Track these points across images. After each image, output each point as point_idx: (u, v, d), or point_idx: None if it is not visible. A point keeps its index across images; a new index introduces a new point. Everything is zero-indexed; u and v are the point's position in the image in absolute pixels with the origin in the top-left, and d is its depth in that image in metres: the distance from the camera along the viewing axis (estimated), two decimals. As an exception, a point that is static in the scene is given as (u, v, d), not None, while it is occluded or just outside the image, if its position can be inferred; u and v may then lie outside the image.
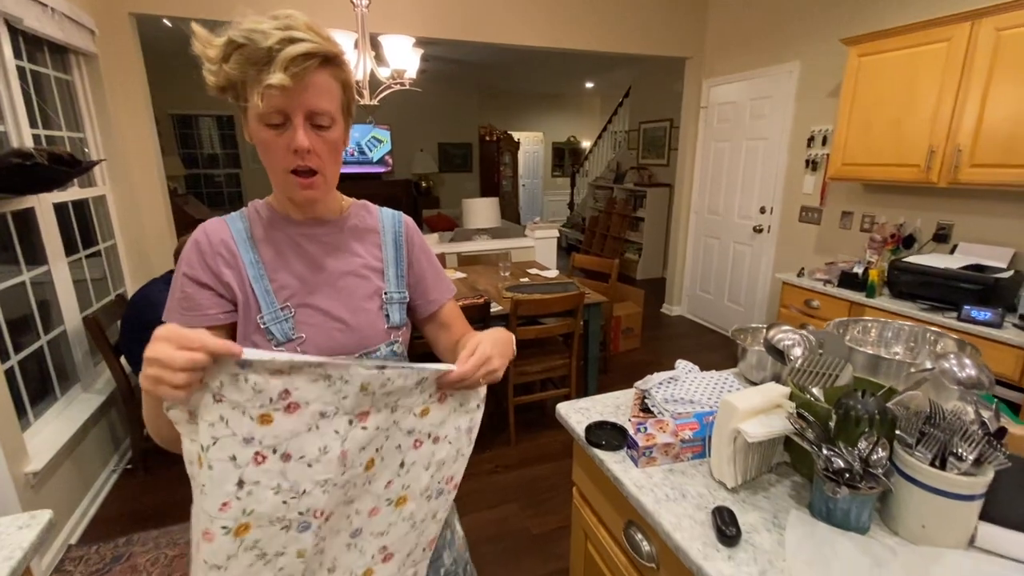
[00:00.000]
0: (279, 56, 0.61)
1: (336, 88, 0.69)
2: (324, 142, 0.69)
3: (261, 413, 0.56)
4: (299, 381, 0.57)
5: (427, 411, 0.68)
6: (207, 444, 0.55)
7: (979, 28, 2.17)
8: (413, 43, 2.37)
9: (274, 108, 0.64)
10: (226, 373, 0.54)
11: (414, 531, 0.73)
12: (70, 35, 2.28)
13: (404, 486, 0.69)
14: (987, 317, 2.03)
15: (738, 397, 0.86)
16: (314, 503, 0.61)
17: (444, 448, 0.71)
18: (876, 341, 1.26)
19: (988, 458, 0.71)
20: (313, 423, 0.58)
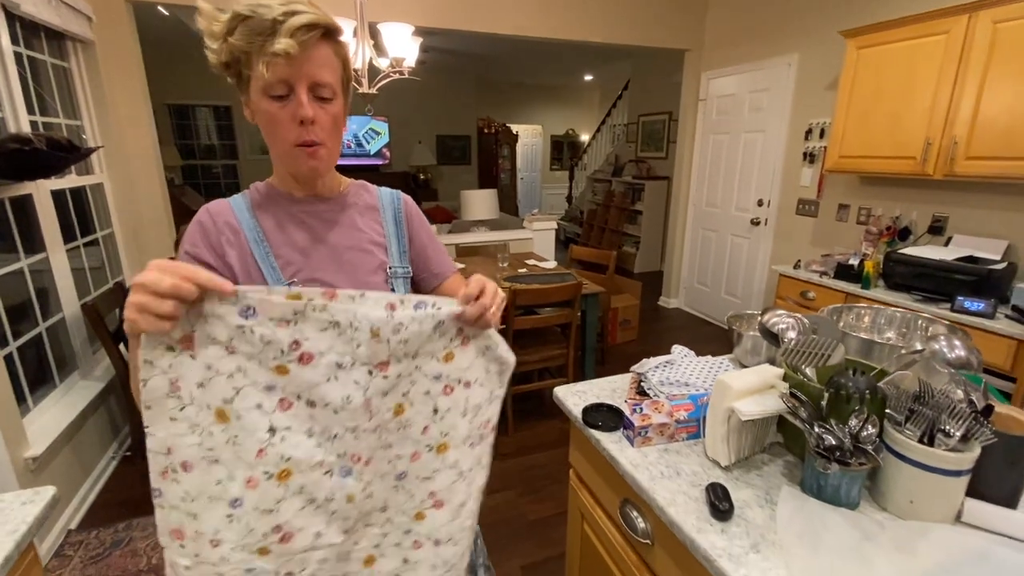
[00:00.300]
0: (284, 25, 0.63)
1: (336, 62, 0.71)
2: (327, 114, 0.71)
3: (276, 365, 0.57)
4: (308, 330, 0.57)
5: (451, 356, 0.67)
6: (229, 396, 0.56)
7: (976, 21, 2.18)
8: (412, 31, 2.36)
9: (278, 78, 0.66)
10: (230, 327, 0.54)
11: (463, 480, 0.73)
12: (67, 21, 2.27)
13: (443, 433, 0.70)
14: (980, 307, 2.05)
15: (732, 377, 0.87)
16: (348, 447, 0.62)
17: (477, 392, 0.71)
18: (869, 327, 1.28)
19: (975, 434, 0.73)
20: (331, 374, 0.59)
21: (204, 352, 0.55)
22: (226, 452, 0.58)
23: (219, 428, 0.57)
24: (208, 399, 0.56)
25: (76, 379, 2.29)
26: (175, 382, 0.55)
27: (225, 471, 0.58)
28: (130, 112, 2.80)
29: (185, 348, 0.55)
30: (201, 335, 0.55)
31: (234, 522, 0.59)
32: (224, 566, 0.60)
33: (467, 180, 8.39)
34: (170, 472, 0.57)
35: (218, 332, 0.55)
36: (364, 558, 0.71)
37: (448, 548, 0.76)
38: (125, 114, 2.78)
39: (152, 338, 0.54)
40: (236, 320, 0.55)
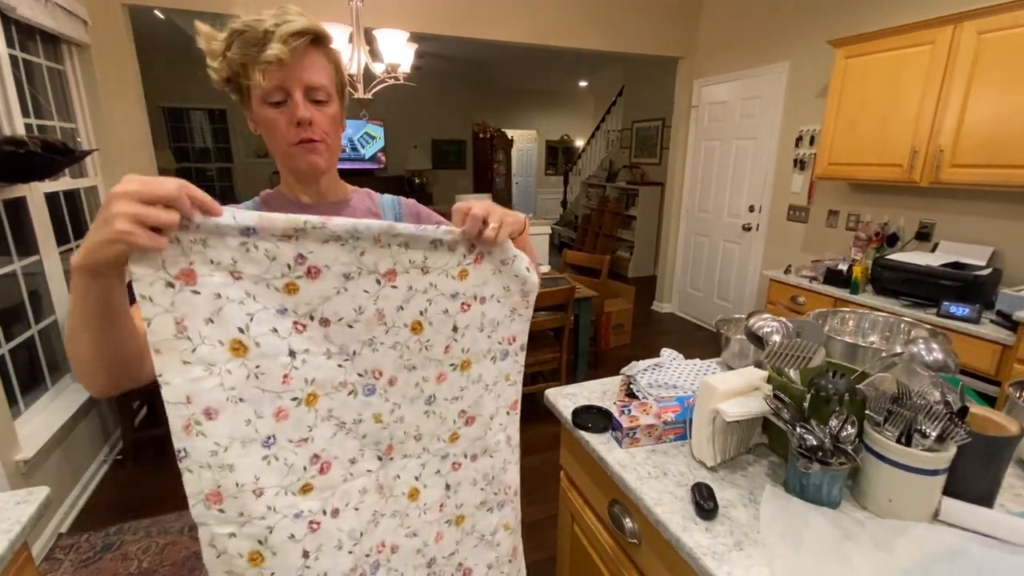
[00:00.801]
0: (276, 33, 0.66)
1: (329, 67, 0.74)
2: (323, 115, 0.74)
3: (285, 283, 0.56)
4: (310, 244, 0.57)
5: (466, 273, 0.68)
6: (244, 324, 0.55)
7: (961, 31, 2.22)
8: (407, 38, 2.38)
9: (275, 84, 0.69)
10: (232, 247, 0.53)
11: (489, 393, 0.75)
12: (63, 24, 2.28)
13: (464, 349, 0.71)
14: (965, 312, 2.09)
15: (718, 379, 0.89)
16: (368, 363, 0.63)
17: (494, 307, 0.71)
18: (853, 331, 1.30)
19: (950, 434, 0.75)
20: (340, 286, 0.59)
21: (209, 281, 0.52)
22: (249, 388, 0.56)
23: (237, 363, 0.55)
24: (221, 333, 0.54)
25: (68, 382, 2.28)
26: (181, 321, 0.52)
27: (251, 409, 0.56)
28: (125, 115, 2.80)
29: (186, 283, 0.51)
30: (202, 264, 0.52)
31: (272, 463, 0.58)
32: (272, 517, 0.58)
33: (462, 184, 8.41)
34: (193, 425, 0.53)
35: (221, 255, 0.53)
36: (408, 492, 0.72)
37: (485, 460, 0.78)
38: (120, 117, 2.78)
39: (147, 269, 0.49)
40: (237, 239, 0.53)
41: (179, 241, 0.50)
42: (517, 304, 0.73)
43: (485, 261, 0.69)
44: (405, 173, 7.90)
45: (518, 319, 0.75)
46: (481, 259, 0.68)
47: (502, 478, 0.81)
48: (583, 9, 3.69)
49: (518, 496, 0.87)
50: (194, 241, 0.51)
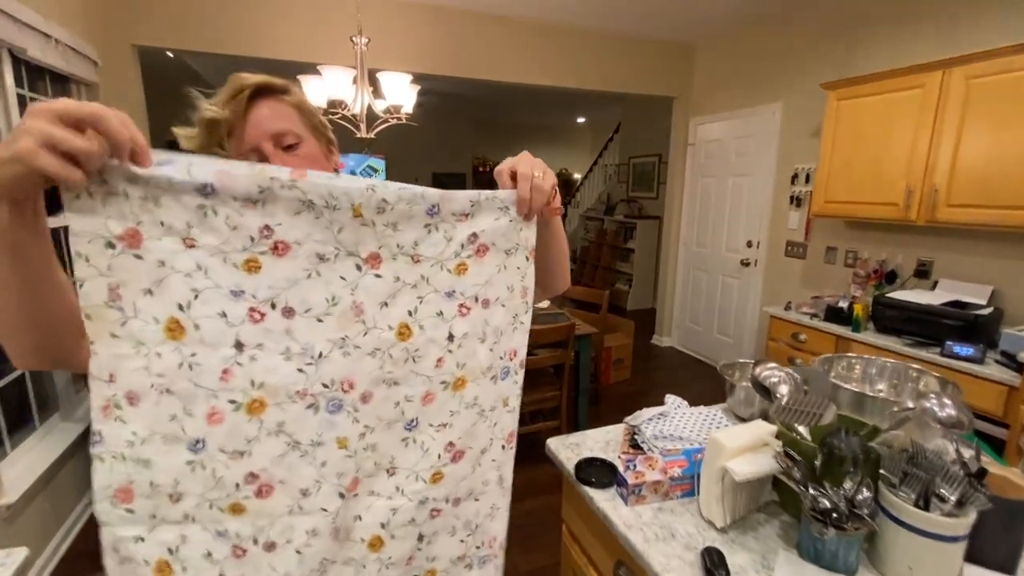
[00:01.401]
0: (217, 100, 0.68)
1: (289, 110, 0.74)
2: (299, 159, 0.74)
3: (246, 258, 0.47)
4: (279, 213, 0.48)
5: (464, 267, 0.57)
6: (186, 300, 0.46)
7: (950, 77, 2.28)
8: (411, 80, 2.44)
9: (245, 149, 0.70)
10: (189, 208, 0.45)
11: (485, 422, 0.62)
12: (73, 65, 2.33)
13: (459, 364, 0.59)
14: (969, 353, 2.07)
15: (726, 435, 0.87)
16: (337, 371, 0.52)
17: (498, 313, 0.60)
18: (860, 378, 1.28)
19: (970, 499, 0.72)
20: (312, 268, 0.50)
21: (155, 246, 0.45)
22: (180, 379, 0.47)
23: (170, 347, 0.47)
24: (158, 308, 0.46)
25: (56, 421, 2.23)
26: (115, 289, 0.45)
27: (179, 404, 0.48)
28: (129, 152, 2.83)
29: (129, 245, 0.44)
30: (151, 225, 0.45)
31: (197, 470, 0.49)
32: (189, 526, 0.49)
33: (462, 216, 8.49)
34: (112, 407, 0.46)
35: (174, 217, 0.45)
36: (370, 540, 0.58)
37: (468, 505, 0.64)
38: (124, 154, 2.81)
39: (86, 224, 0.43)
40: (195, 200, 0.45)
41: (127, 196, 0.44)
42: (518, 308, 0.62)
43: (489, 254, 0.58)
44: (405, 205, 7.98)
45: (519, 328, 0.64)
46: (484, 251, 0.58)
47: (488, 527, 0.68)
48: (581, 50, 3.79)
49: (503, 550, 0.73)
50: (145, 198, 0.44)
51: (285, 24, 3.01)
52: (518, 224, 0.60)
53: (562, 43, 3.72)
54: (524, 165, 0.61)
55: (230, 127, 0.68)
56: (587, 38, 3.78)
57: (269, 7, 2.96)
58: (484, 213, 0.58)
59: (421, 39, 3.34)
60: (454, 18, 3.39)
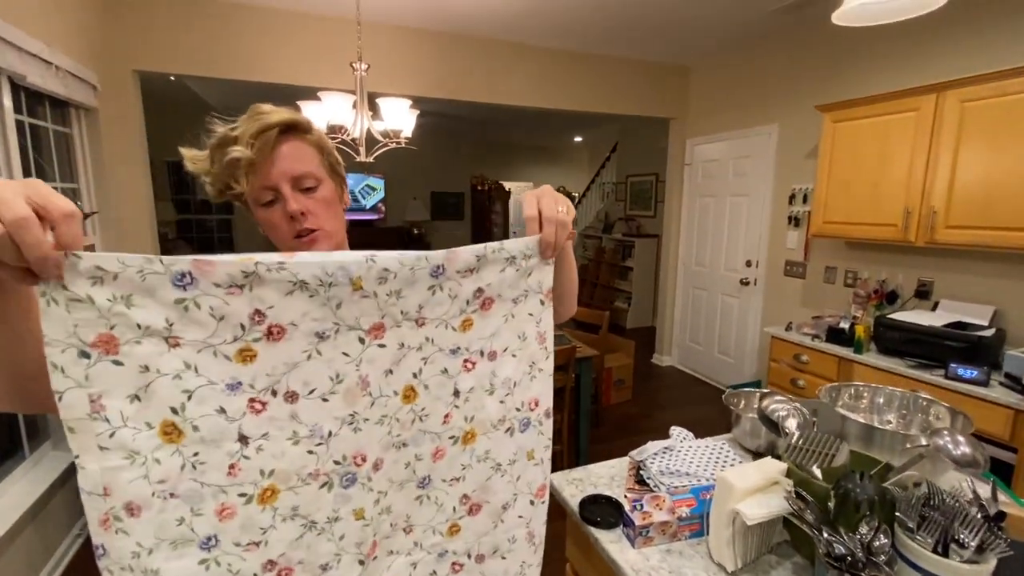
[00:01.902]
0: (241, 137, 0.66)
1: (311, 151, 0.73)
2: (315, 202, 0.72)
3: (238, 348, 0.44)
4: (269, 295, 0.44)
5: (470, 323, 0.55)
6: (179, 403, 0.43)
7: (944, 100, 2.30)
8: (410, 104, 2.45)
9: (261, 186, 0.68)
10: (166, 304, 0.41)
11: (502, 476, 0.60)
12: (72, 91, 2.33)
13: (467, 418, 0.57)
14: (974, 375, 2.05)
15: (735, 475, 0.84)
16: (348, 446, 0.50)
17: (508, 364, 0.58)
18: (868, 407, 1.26)
19: (990, 545, 0.70)
20: (311, 348, 0.47)
21: (134, 351, 0.41)
22: (184, 481, 0.45)
23: (169, 451, 0.44)
24: (149, 414, 0.43)
25: (47, 449, 2.18)
26: (97, 399, 0.42)
27: (186, 506, 0.45)
28: (128, 177, 2.83)
29: (105, 351, 0.41)
30: (126, 327, 0.41)
31: (211, 566, 0.46)
32: None
33: (460, 235, 8.50)
34: (112, 521, 0.43)
35: (151, 317, 0.41)
36: None
37: (495, 563, 0.62)
38: (123, 178, 2.81)
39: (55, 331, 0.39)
40: (172, 294, 0.41)
41: (92, 301, 0.40)
42: (535, 355, 0.60)
43: (495, 306, 0.56)
44: (404, 224, 7.99)
45: (539, 375, 0.61)
46: (490, 304, 0.56)
47: None
48: (577, 73, 3.84)
49: None
50: (113, 299, 0.40)
51: (286, 49, 3.04)
52: (527, 270, 0.58)
53: (559, 66, 3.77)
54: (548, 206, 0.60)
55: (250, 164, 0.66)
56: (583, 61, 3.82)
57: (271, 33, 2.99)
58: (490, 266, 0.56)
59: (420, 64, 3.38)
60: (453, 44, 3.43)
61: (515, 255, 0.57)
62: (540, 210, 0.59)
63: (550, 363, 0.62)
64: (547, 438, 0.63)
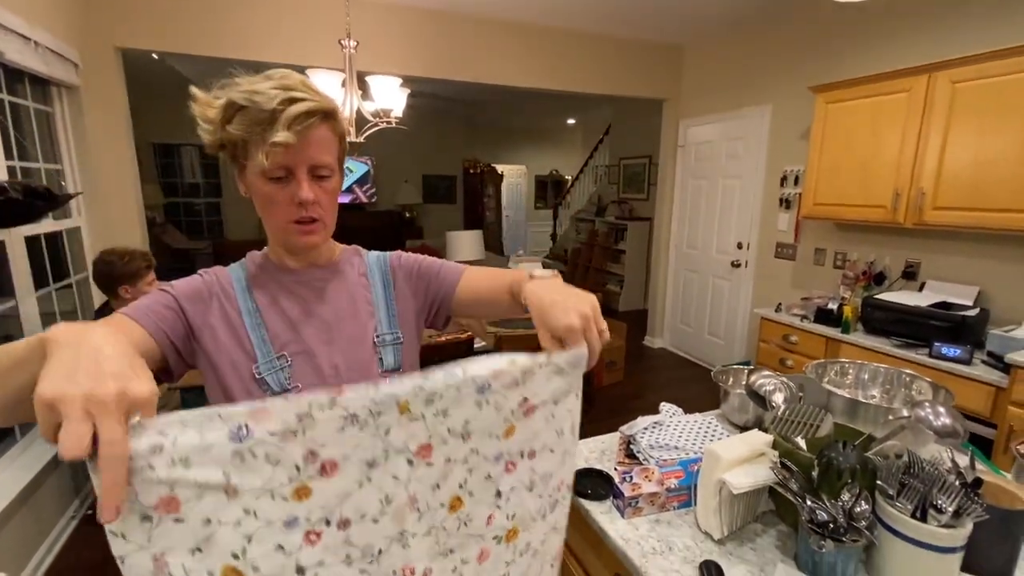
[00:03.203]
0: (283, 115, 0.63)
1: (334, 141, 0.72)
2: (325, 192, 0.72)
3: (294, 488, 0.45)
4: (321, 435, 0.45)
5: (512, 429, 0.55)
6: (240, 547, 0.44)
7: (936, 81, 2.31)
8: (400, 83, 2.41)
9: (278, 164, 0.66)
10: (224, 458, 0.42)
11: (536, 559, 0.63)
12: (53, 68, 2.27)
13: (509, 516, 0.58)
14: (957, 354, 2.09)
15: (722, 446, 0.86)
16: (397, 561, 0.51)
17: (545, 459, 0.59)
18: (853, 383, 1.29)
19: (967, 510, 0.72)
20: (363, 477, 0.48)
21: (196, 508, 0.41)
22: None
23: None
24: (211, 563, 0.43)
25: (37, 433, 2.17)
26: (160, 558, 0.42)
27: None
28: (113, 156, 2.78)
29: (167, 511, 0.41)
30: (186, 487, 0.41)
31: None
32: None
33: (453, 219, 8.46)
34: None
35: (209, 474, 0.41)
36: None
37: None
38: (108, 158, 2.76)
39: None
40: (229, 447, 0.42)
41: (152, 468, 0.39)
42: (568, 446, 0.61)
43: (538, 412, 0.56)
44: (395, 207, 7.93)
45: (568, 459, 0.62)
46: (532, 411, 0.56)
47: None
48: (569, 53, 3.79)
49: None
50: (173, 463, 0.40)
51: (273, 26, 2.97)
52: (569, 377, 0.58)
53: (552, 46, 3.72)
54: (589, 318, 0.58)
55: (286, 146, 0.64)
56: (576, 41, 3.78)
57: (256, 9, 2.92)
58: (536, 378, 0.55)
59: (410, 42, 3.32)
60: (443, 21, 3.37)
61: (563, 367, 0.57)
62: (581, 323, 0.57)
63: (576, 446, 0.63)
64: (567, 506, 0.65)
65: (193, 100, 0.67)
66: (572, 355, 0.56)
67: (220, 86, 0.67)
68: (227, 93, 0.65)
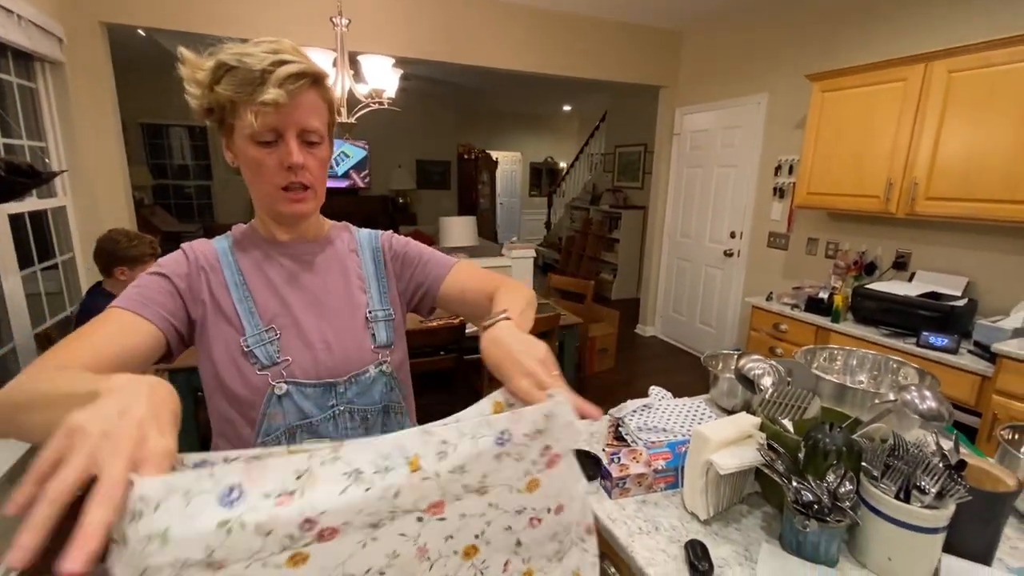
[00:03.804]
0: (273, 75, 0.62)
1: (324, 107, 0.71)
2: (315, 159, 0.71)
3: (289, 556, 0.41)
4: (320, 500, 0.40)
5: (536, 483, 0.52)
6: None
7: (932, 70, 2.30)
8: (393, 63, 2.37)
9: (267, 126, 0.65)
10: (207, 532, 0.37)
11: None
12: (37, 43, 2.21)
13: (525, 560, 0.57)
14: (944, 343, 2.11)
15: (710, 428, 0.86)
16: None
17: (571, 510, 0.57)
18: (842, 369, 1.29)
19: (950, 491, 0.73)
20: (366, 538, 0.44)
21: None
22: None
23: None
24: None
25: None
26: None
27: None
28: (98, 134, 2.72)
29: None
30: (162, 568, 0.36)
31: None
32: None
33: (447, 205, 8.40)
34: None
35: (190, 551, 0.36)
36: None
37: None
38: (93, 136, 2.70)
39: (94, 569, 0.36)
40: (216, 515, 0.37)
41: (125, 542, 0.35)
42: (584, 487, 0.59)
43: (561, 461, 0.52)
44: (389, 192, 7.87)
45: (585, 507, 0.60)
46: (556, 460, 0.52)
47: None
48: (566, 37, 3.74)
49: None
50: (149, 538, 0.35)
51: (262, 3, 2.90)
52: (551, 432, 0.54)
53: (549, 29, 3.67)
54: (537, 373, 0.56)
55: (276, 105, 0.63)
56: (574, 24, 3.73)
57: (245, -15, 2.85)
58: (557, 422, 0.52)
59: (404, 22, 3.26)
60: (437, 1, 3.31)
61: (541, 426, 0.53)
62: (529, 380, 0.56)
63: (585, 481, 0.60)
64: (593, 555, 0.61)
65: (181, 62, 0.65)
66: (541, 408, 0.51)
67: (209, 52, 0.66)
68: (216, 55, 0.64)
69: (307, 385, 0.72)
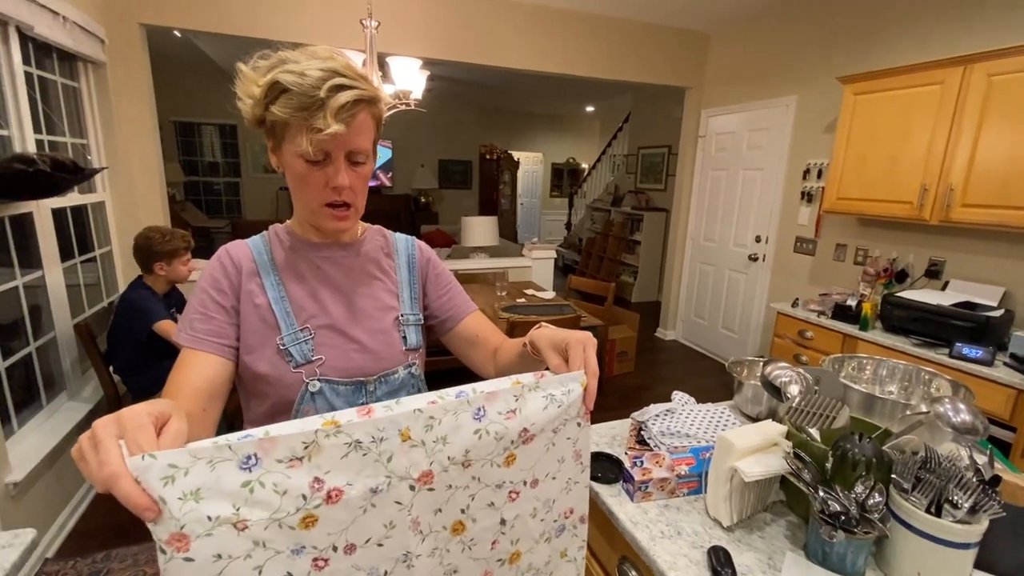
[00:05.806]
0: (330, 104, 0.63)
1: (372, 126, 0.72)
2: (359, 177, 0.72)
3: (301, 517, 0.47)
4: (326, 462, 0.47)
5: (513, 458, 0.58)
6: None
7: (971, 73, 2.23)
8: (420, 65, 2.40)
9: (320, 150, 0.66)
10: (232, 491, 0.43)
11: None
12: (80, 43, 2.30)
13: (513, 541, 0.62)
14: (979, 355, 2.05)
15: (735, 434, 0.86)
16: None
17: (548, 486, 0.62)
18: (871, 379, 1.27)
19: (983, 506, 0.71)
20: (366, 503, 0.50)
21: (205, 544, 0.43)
22: None
23: None
24: None
25: (64, 400, 2.24)
26: None
27: None
28: (137, 132, 2.82)
29: (178, 550, 0.42)
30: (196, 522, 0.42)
31: None
32: None
33: (468, 204, 8.45)
34: None
35: (219, 507, 0.42)
36: None
37: None
38: (131, 134, 2.80)
39: None
40: (238, 478, 0.43)
41: (164, 502, 0.40)
42: (571, 472, 0.64)
43: (537, 440, 0.59)
44: (411, 192, 7.95)
45: (575, 487, 0.65)
46: (531, 439, 0.59)
47: None
48: (592, 38, 3.73)
49: None
50: (184, 498, 0.41)
51: (294, 5, 2.97)
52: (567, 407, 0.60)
53: (573, 30, 3.66)
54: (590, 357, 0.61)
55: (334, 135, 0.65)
56: (600, 25, 3.72)
57: (278, -13, 2.92)
58: (530, 404, 0.58)
59: (431, 23, 3.29)
60: (464, 3, 3.34)
61: (554, 394, 0.59)
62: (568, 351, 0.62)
63: (586, 475, 0.66)
64: (581, 539, 0.67)
65: (238, 77, 0.67)
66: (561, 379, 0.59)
67: (261, 55, 0.67)
68: (273, 73, 0.64)
69: (339, 383, 0.74)
